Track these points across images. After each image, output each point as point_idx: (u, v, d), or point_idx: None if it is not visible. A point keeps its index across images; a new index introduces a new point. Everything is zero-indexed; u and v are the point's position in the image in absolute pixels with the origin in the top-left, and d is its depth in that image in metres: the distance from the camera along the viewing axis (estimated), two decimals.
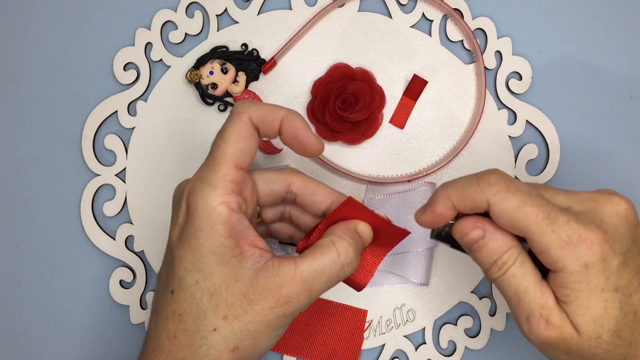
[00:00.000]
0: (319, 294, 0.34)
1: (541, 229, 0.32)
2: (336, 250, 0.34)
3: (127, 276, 0.49)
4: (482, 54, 0.48)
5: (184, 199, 0.34)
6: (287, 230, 0.40)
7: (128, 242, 0.49)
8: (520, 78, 0.49)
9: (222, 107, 0.49)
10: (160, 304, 0.34)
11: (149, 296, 0.49)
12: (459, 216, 0.35)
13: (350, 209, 0.36)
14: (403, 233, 0.37)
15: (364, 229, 0.36)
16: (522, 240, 0.34)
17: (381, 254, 0.38)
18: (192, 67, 0.48)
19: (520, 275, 0.33)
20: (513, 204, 0.32)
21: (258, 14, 0.49)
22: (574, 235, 0.31)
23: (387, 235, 0.37)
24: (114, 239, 0.49)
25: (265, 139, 0.40)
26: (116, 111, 0.49)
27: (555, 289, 0.33)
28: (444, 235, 0.36)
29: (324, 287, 0.34)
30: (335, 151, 0.49)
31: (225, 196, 0.33)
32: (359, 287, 0.38)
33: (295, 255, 0.34)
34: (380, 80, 0.49)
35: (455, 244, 0.36)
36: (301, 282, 0.32)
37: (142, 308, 0.49)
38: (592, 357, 0.33)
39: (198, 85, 0.48)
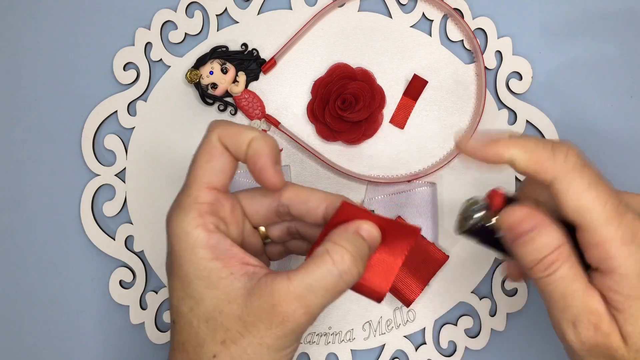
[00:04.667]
0: (320, 309, 0.31)
1: (607, 218, 0.29)
2: (330, 259, 0.30)
3: (127, 276, 0.49)
4: (482, 54, 0.48)
5: (165, 227, 0.33)
6: (304, 246, 0.38)
7: (128, 242, 0.49)
8: (520, 78, 0.49)
9: (222, 107, 0.49)
10: (170, 336, 0.34)
11: (149, 296, 0.49)
12: (493, 205, 0.31)
13: (347, 213, 0.33)
14: (413, 230, 0.33)
15: (368, 228, 0.32)
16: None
17: (396, 255, 0.33)
18: (192, 67, 0.48)
19: (570, 277, 0.30)
20: (584, 184, 0.29)
21: (258, 14, 0.49)
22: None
23: (395, 235, 0.33)
24: (114, 239, 0.49)
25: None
26: (116, 111, 0.49)
27: (605, 292, 0.30)
28: (477, 229, 0.32)
29: (322, 300, 0.30)
30: (335, 151, 0.49)
31: (199, 219, 0.31)
32: (376, 296, 0.33)
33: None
34: (380, 80, 0.49)
35: (485, 238, 0.32)
36: (295, 299, 0.30)
37: (142, 308, 0.49)
38: None
39: (198, 85, 0.48)
